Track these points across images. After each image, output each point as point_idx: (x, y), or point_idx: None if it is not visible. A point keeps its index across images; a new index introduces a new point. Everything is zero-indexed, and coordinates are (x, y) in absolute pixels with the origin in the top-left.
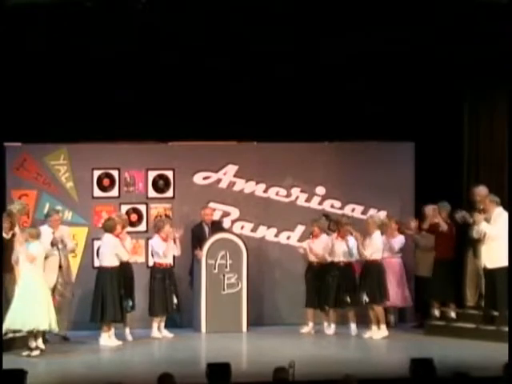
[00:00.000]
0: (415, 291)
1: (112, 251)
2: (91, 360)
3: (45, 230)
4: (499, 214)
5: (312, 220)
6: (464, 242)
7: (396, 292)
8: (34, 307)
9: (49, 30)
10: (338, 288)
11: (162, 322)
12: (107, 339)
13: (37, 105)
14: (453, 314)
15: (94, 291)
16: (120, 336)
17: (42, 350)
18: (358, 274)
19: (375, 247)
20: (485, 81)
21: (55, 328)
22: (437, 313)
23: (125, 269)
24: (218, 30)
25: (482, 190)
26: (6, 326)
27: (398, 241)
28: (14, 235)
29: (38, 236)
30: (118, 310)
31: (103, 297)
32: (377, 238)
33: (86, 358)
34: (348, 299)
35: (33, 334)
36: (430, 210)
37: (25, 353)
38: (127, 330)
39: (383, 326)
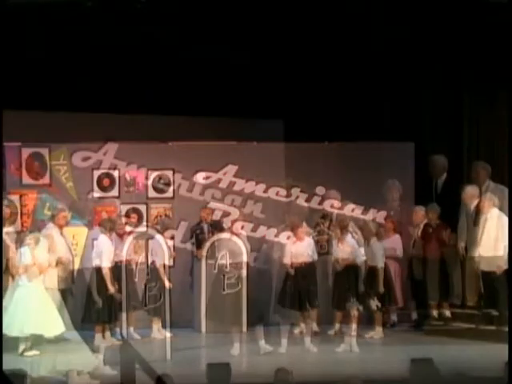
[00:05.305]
0: (412, 292)
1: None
2: (91, 360)
3: (50, 228)
4: (495, 215)
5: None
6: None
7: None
8: (29, 313)
9: (49, 29)
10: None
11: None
12: (101, 339)
13: (37, 104)
14: (448, 313)
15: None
16: (120, 336)
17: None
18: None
19: (376, 254)
20: (485, 81)
21: (56, 332)
22: (434, 313)
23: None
24: (217, 30)
25: (469, 190)
26: (4, 332)
27: (397, 242)
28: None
29: (36, 242)
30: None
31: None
32: (376, 246)
33: (86, 358)
34: (351, 301)
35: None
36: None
37: (21, 350)
38: (127, 330)
39: (380, 327)
